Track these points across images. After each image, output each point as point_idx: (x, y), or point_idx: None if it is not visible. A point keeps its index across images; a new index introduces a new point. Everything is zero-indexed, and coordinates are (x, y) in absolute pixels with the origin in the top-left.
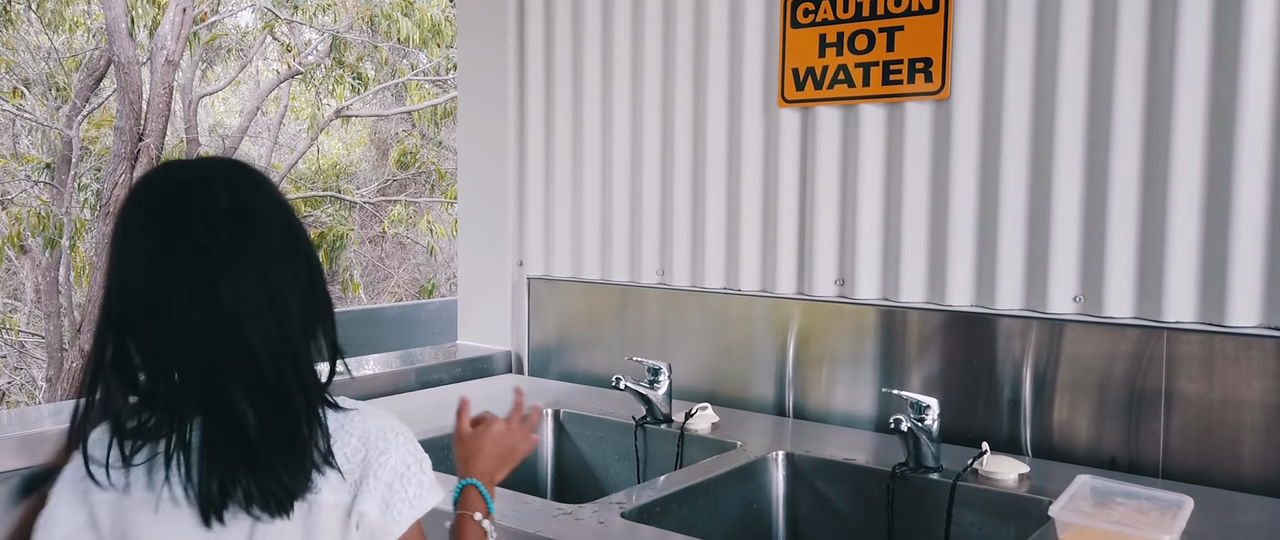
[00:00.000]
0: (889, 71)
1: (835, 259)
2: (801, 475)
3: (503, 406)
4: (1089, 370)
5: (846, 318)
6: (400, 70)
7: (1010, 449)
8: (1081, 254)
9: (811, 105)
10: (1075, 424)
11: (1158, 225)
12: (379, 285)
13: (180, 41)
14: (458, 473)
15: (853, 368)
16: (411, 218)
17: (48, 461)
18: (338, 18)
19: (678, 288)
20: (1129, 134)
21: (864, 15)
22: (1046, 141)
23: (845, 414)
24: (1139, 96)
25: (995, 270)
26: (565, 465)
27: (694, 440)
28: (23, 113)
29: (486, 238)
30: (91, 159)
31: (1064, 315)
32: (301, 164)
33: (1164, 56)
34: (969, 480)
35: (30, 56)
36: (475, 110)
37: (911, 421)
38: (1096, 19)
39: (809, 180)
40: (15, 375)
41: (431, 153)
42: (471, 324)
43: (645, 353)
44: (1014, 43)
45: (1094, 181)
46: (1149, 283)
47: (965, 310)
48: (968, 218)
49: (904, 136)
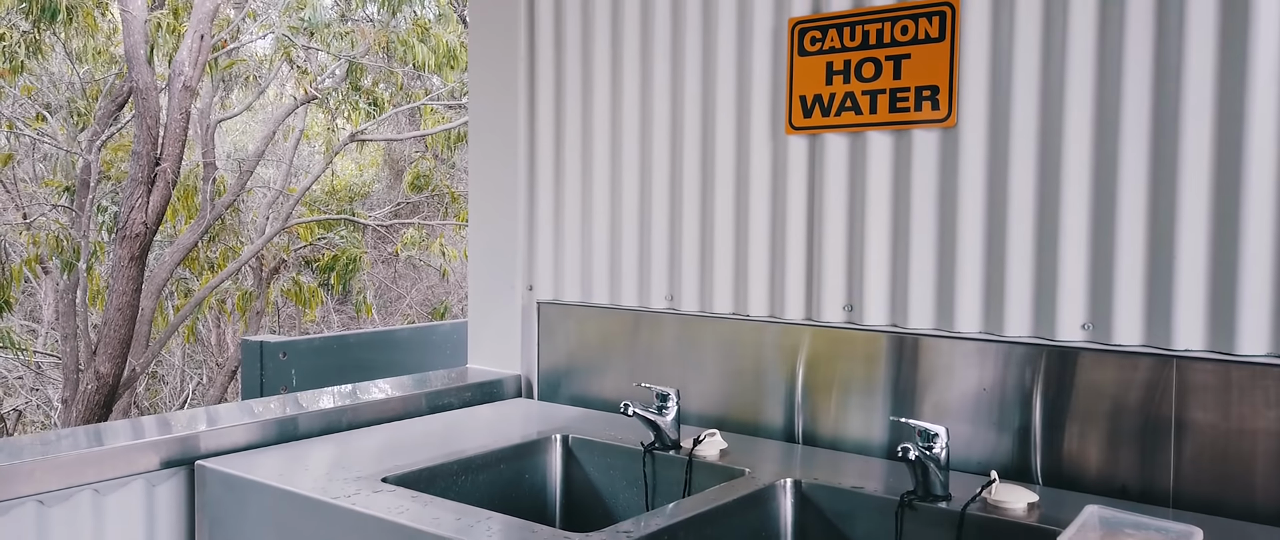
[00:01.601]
0: (896, 99)
1: (843, 285)
2: (810, 503)
3: (510, 431)
4: (1098, 398)
5: (855, 344)
6: (415, 94)
7: (1019, 477)
8: (1089, 281)
9: (819, 132)
10: (1085, 452)
11: (1166, 253)
12: (391, 307)
13: (198, 68)
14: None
15: (861, 394)
16: (424, 240)
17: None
18: (354, 44)
19: (687, 313)
20: (1136, 161)
21: (871, 43)
22: (1053, 169)
23: (854, 440)
24: (1145, 123)
25: (1003, 297)
26: (573, 492)
27: (702, 467)
28: (44, 138)
29: (497, 262)
30: (110, 183)
31: (1073, 342)
32: (316, 187)
33: (1170, 83)
34: (978, 509)
35: (53, 83)
36: (486, 135)
37: (919, 450)
38: (1102, 47)
39: (817, 206)
40: (32, 396)
41: (444, 175)
42: (482, 348)
43: (654, 378)
44: (1020, 71)
45: (1101, 209)
46: (1158, 310)
47: (973, 337)
48: (975, 245)
49: (911, 163)
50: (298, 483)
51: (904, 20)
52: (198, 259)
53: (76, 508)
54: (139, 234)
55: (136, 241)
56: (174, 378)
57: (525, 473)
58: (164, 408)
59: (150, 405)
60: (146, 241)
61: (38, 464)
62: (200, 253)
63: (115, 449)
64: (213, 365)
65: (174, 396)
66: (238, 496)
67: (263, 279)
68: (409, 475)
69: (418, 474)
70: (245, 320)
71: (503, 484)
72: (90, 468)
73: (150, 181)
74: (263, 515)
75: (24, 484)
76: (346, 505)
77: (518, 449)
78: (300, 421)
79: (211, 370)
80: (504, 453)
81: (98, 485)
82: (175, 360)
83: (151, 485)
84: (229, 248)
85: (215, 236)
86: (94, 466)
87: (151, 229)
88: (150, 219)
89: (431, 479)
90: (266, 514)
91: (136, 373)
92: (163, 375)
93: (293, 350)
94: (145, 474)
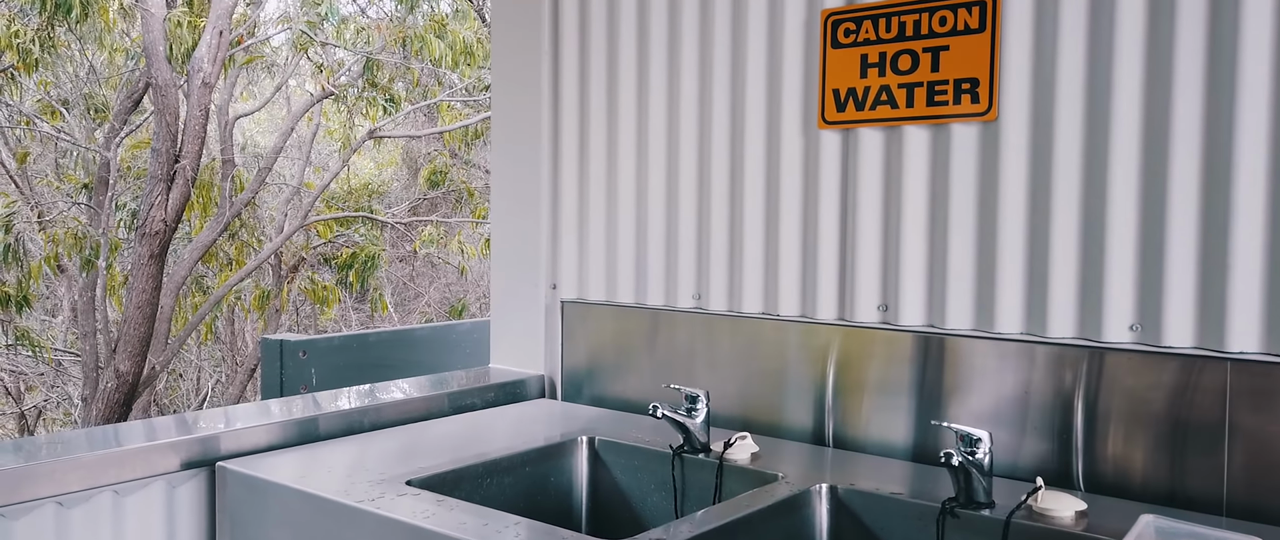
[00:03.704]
0: (934, 92)
1: (878, 284)
2: (846, 509)
3: (535, 433)
4: (1147, 402)
5: (889, 344)
6: (432, 90)
7: (1061, 483)
8: (1138, 280)
9: (853, 127)
10: (1131, 458)
11: (1219, 250)
12: (409, 305)
13: (216, 64)
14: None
15: (896, 396)
16: (442, 237)
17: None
18: (371, 40)
19: (714, 312)
20: (1187, 154)
21: (908, 35)
22: (1100, 163)
23: (887, 444)
24: (1197, 115)
25: (1046, 297)
26: (600, 495)
27: (733, 471)
28: (62, 134)
29: (519, 260)
30: (129, 179)
31: (1120, 344)
32: (334, 184)
33: (1224, 71)
34: (1023, 517)
35: (70, 79)
36: (508, 131)
37: (962, 455)
38: (1152, 36)
39: (850, 203)
40: (52, 393)
41: (461, 171)
42: (504, 347)
43: (681, 378)
44: (1065, 61)
45: (1151, 204)
46: (1211, 311)
47: (1015, 338)
48: (1017, 242)
49: (950, 159)
50: (320, 485)
51: (942, 11)
52: (216, 256)
53: (96, 509)
54: (158, 232)
55: (156, 239)
56: (192, 374)
57: (551, 475)
58: (183, 405)
59: (170, 402)
60: (166, 239)
61: (57, 465)
62: (218, 250)
63: (135, 450)
64: (232, 363)
65: (193, 394)
66: (259, 498)
67: (281, 277)
68: (433, 478)
69: (442, 477)
70: (263, 318)
71: (528, 486)
72: (110, 469)
73: (169, 179)
74: (285, 518)
75: (43, 485)
76: (370, 509)
77: (543, 451)
78: (321, 422)
79: (230, 368)
80: (529, 455)
81: (118, 486)
82: (194, 357)
83: (172, 486)
84: (247, 244)
85: (233, 233)
86: (114, 467)
87: (171, 227)
88: (170, 217)
89: (456, 482)
90: (288, 516)
91: (156, 371)
92: (181, 372)
93: (313, 349)
94: (166, 475)
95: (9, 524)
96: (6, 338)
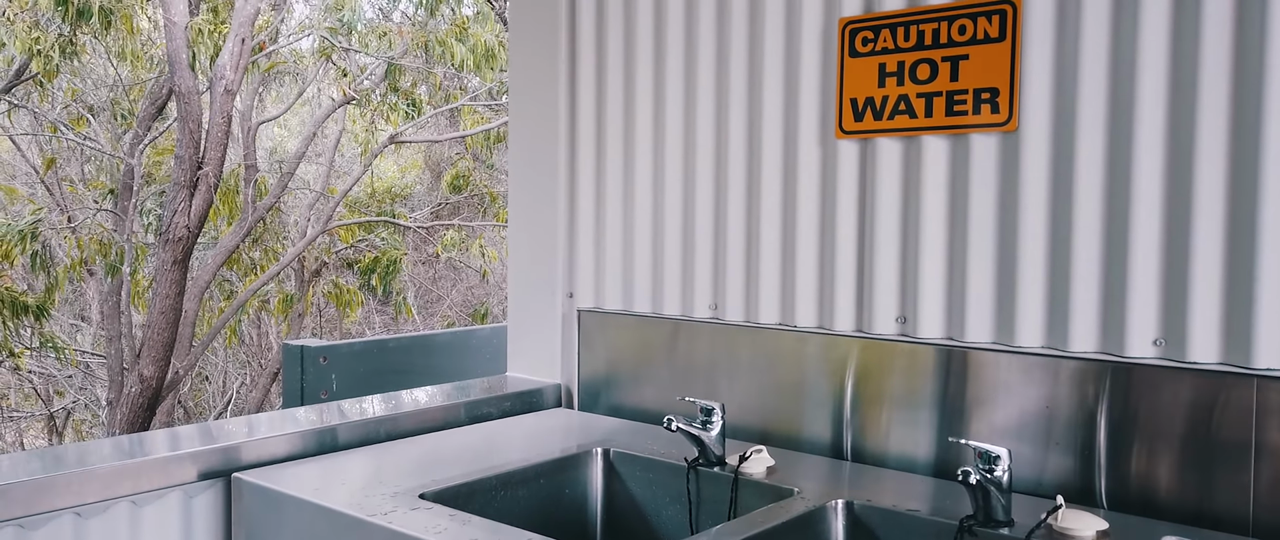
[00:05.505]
0: (953, 102)
1: (896, 296)
2: (862, 526)
3: (550, 444)
4: (1171, 418)
5: (908, 357)
6: (454, 95)
7: (1085, 500)
8: (1162, 295)
9: (871, 136)
10: (1154, 476)
11: (1246, 264)
12: (432, 308)
13: (239, 71)
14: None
15: (914, 410)
16: (464, 241)
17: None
18: (393, 45)
19: (731, 323)
20: (1213, 166)
21: (926, 44)
22: (1122, 174)
23: (906, 458)
24: (1223, 126)
25: (1068, 311)
26: (615, 508)
27: (748, 485)
28: (88, 141)
29: (537, 269)
30: (154, 185)
31: (1143, 359)
32: (356, 188)
33: (1250, 81)
34: (1042, 536)
35: (94, 86)
36: (525, 139)
37: (980, 473)
38: (1176, 44)
39: (868, 213)
40: (81, 395)
41: (483, 176)
42: (521, 356)
43: (697, 389)
44: (1087, 71)
45: (1175, 216)
46: (1237, 326)
47: (1035, 352)
48: (1038, 255)
49: (969, 169)
50: (334, 498)
51: (962, 20)
52: (240, 260)
53: (113, 520)
54: (182, 238)
55: (179, 245)
56: (218, 377)
57: (565, 488)
58: (208, 408)
59: (195, 405)
60: (189, 245)
61: (75, 476)
62: (242, 254)
63: (153, 460)
64: (256, 366)
65: (218, 396)
66: (274, 510)
67: (304, 281)
68: (447, 491)
69: (456, 490)
70: (287, 322)
71: (542, 499)
72: (128, 479)
73: (192, 185)
74: (299, 530)
75: (61, 496)
76: (383, 524)
77: (558, 463)
78: (339, 432)
79: (254, 371)
80: (544, 467)
81: (135, 497)
82: (220, 361)
83: (188, 497)
84: (270, 249)
85: (257, 238)
86: (131, 478)
87: (194, 232)
88: (193, 223)
89: (470, 495)
90: (303, 529)
91: (180, 375)
92: (208, 374)
93: (333, 354)
94: (183, 486)
95: (28, 535)
96: (33, 342)
